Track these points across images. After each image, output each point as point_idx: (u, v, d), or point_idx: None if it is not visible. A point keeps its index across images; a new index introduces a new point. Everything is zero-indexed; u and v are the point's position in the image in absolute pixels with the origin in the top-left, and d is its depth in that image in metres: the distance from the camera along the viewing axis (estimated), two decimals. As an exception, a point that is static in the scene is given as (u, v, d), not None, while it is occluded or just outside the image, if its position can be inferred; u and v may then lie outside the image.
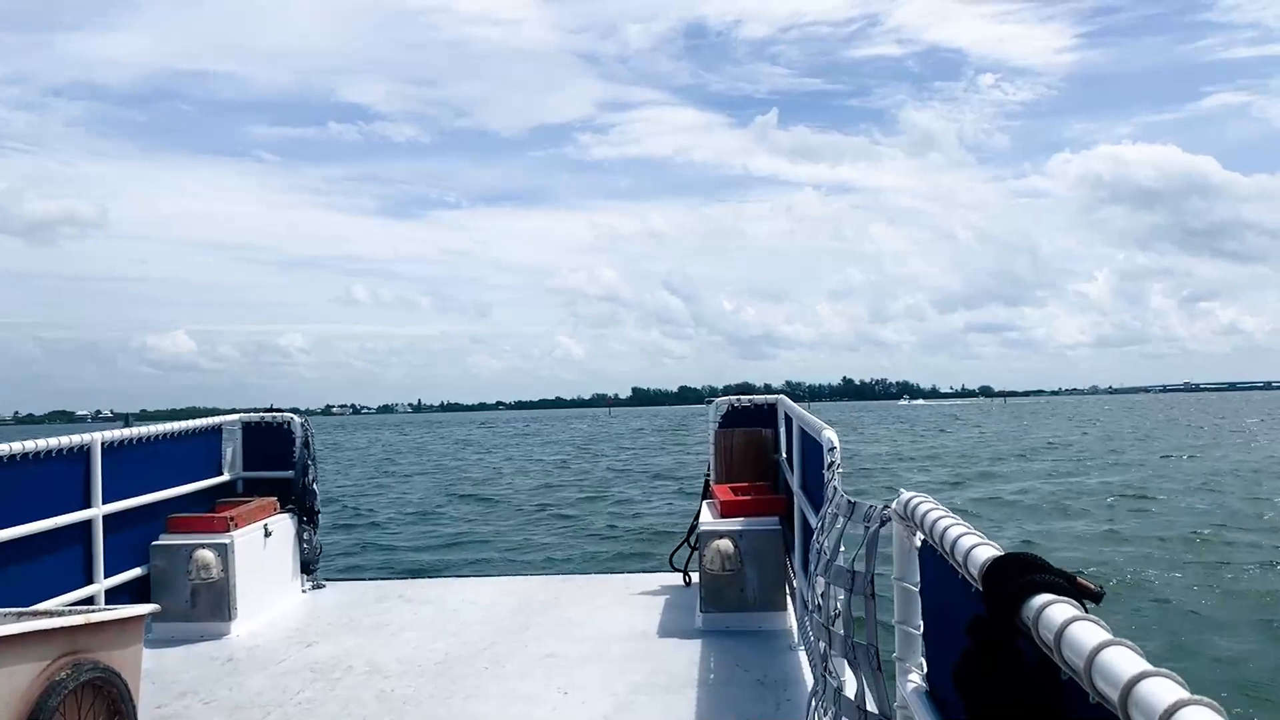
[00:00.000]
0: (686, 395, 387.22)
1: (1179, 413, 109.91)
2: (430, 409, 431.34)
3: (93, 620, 3.98)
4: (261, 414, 7.98)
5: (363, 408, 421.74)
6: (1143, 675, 1.06)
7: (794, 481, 6.10)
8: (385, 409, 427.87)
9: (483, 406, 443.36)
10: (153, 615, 4.54)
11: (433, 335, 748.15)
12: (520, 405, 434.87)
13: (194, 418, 7.49)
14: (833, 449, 4.23)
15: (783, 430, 7.56)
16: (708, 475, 8.18)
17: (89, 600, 5.98)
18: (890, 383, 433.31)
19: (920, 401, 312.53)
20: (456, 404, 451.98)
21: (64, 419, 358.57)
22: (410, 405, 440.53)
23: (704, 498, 7.77)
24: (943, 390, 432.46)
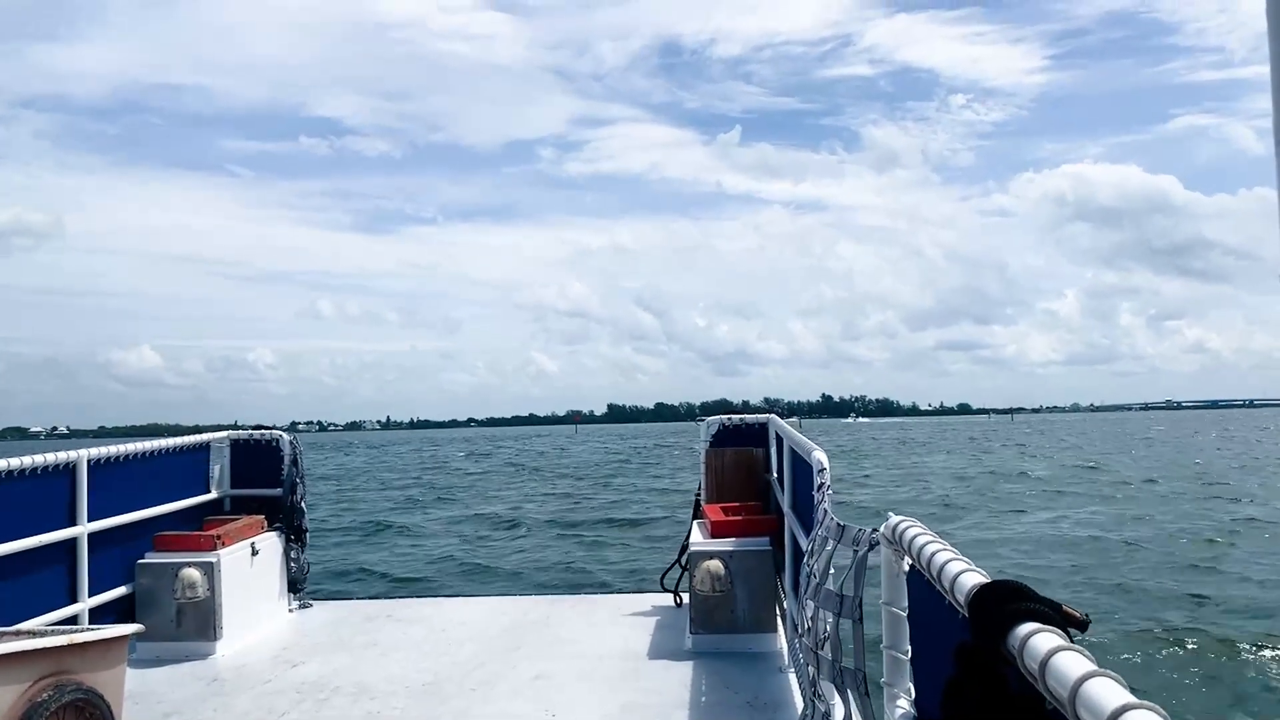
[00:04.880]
0: (663, 412, 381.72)
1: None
2: (399, 426, 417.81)
3: (76, 641, 3.95)
4: (250, 431, 7.95)
5: (329, 425, 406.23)
6: (1126, 708, 1.06)
7: (784, 502, 6.09)
8: (353, 426, 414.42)
9: (454, 423, 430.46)
10: (137, 635, 4.50)
11: (403, 351, 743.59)
12: (492, 422, 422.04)
13: (155, 435, 7.45)
14: (823, 470, 4.21)
15: (773, 450, 7.56)
16: (698, 494, 8.16)
17: (73, 619, 5.92)
18: (870, 400, 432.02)
19: (865, 420, 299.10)
20: (426, 420, 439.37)
21: (17, 435, 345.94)
22: (378, 422, 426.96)
23: (694, 517, 7.75)
24: (922, 407, 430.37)
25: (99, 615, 6.15)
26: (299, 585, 7.79)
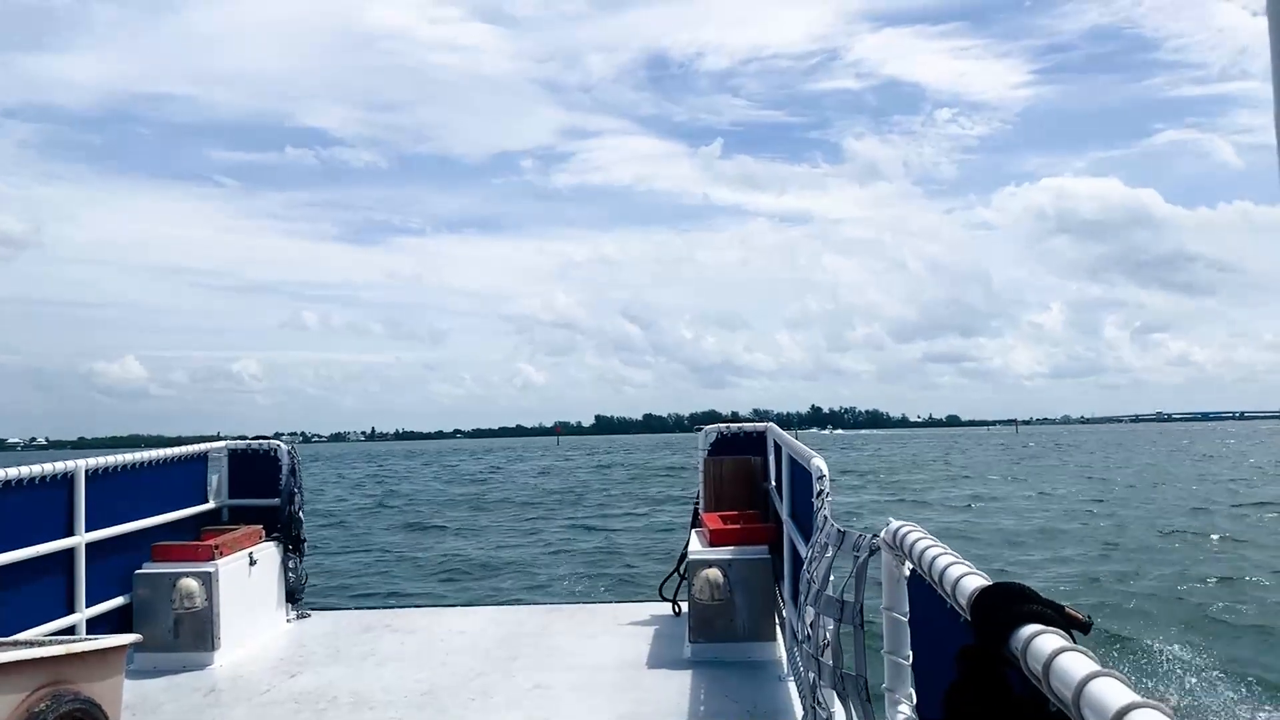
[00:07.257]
0: (652, 424, 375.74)
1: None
2: (384, 437, 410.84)
3: (73, 650, 3.94)
4: (248, 441, 7.94)
5: (314, 436, 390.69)
6: (1131, 706, 1.06)
7: (783, 510, 6.09)
8: (337, 437, 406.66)
9: (440, 435, 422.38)
10: (135, 645, 4.49)
11: (388, 362, 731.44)
12: (479, 433, 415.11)
13: (136, 446, 7.45)
14: (821, 477, 4.22)
15: (771, 458, 7.57)
16: (697, 503, 8.16)
17: (70, 630, 5.90)
18: (860, 411, 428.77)
19: (840, 431, 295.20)
20: (412, 432, 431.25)
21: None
22: (363, 433, 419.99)
23: (693, 526, 7.75)
24: (911, 419, 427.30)
25: (96, 625, 6.13)
26: (297, 595, 7.77)
